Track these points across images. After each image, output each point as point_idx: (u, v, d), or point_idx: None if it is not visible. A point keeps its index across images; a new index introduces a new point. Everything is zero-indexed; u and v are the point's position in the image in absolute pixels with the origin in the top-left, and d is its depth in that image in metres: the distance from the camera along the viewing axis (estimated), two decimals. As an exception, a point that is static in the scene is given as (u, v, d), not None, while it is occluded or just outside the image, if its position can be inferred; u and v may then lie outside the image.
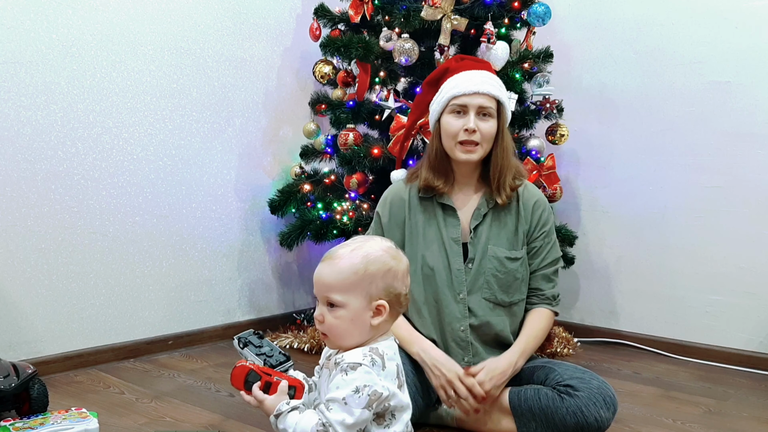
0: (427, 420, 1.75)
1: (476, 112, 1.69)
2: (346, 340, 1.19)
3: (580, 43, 2.80)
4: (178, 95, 2.52)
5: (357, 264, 1.17)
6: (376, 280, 1.17)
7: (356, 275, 1.16)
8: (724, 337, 2.51)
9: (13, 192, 2.12)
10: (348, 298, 1.16)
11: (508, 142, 1.76)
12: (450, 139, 1.72)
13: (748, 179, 2.44)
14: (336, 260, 1.19)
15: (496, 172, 1.74)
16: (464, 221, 1.77)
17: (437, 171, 1.76)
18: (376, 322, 1.17)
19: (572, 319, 2.86)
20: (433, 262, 1.75)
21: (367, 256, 1.18)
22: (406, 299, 1.22)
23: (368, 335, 1.19)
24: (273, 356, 1.27)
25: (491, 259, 1.73)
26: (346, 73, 2.57)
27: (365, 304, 1.17)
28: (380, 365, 1.15)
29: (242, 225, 2.77)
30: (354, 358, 1.13)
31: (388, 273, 1.18)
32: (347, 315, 1.17)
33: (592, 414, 1.55)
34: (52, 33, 2.18)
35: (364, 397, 1.10)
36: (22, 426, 1.59)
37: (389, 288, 1.18)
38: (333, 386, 1.12)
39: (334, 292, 1.17)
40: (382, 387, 1.13)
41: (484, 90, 1.70)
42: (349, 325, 1.17)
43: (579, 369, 1.66)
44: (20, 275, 2.15)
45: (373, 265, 1.17)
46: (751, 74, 2.43)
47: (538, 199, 1.80)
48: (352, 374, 1.11)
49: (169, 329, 2.54)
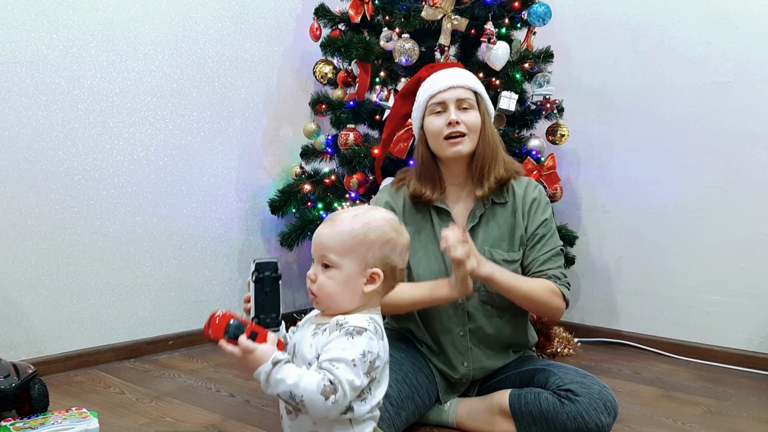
0: (428, 420, 1.75)
1: (456, 105, 1.68)
2: (334, 302, 1.16)
3: (581, 43, 2.80)
4: (178, 95, 2.52)
5: (357, 229, 1.16)
6: (374, 248, 1.16)
7: (355, 239, 1.16)
8: (724, 337, 2.51)
9: (14, 192, 2.12)
10: (343, 260, 1.15)
11: (492, 134, 1.73)
12: (436, 138, 1.70)
13: (748, 179, 2.44)
14: (337, 222, 1.18)
15: (478, 164, 1.71)
16: (460, 224, 1.74)
17: (425, 178, 1.74)
18: (368, 289, 1.16)
19: (572, 319, 2.86)
20: (429, 267, 1.73)
21: (369, 222, 1.17)
22: (401, 274, 1.21)
23: (358, 302, 1.17)
24: (268, 313, 1.16)
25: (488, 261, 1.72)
26: (346, 73, 2.57)
27: (360, 269, 1.16)
28: (381, 335, 1.14)
29: (242, 225, 2.77)
30: (359, 323, 1.11)
31: (387, 243, 1.17)
32: (340, 276, 1.15)
33: (593, 419, 1.54)
34: (52, 33, 2.18)
35: (368, 363, 1.09)
36: (22, 426, 1.59)
37: (386, 258, 1.17)
38: (336, 347, 1.08)
39: (330, 252, 1.16)
40: (380, 357, 1.12)
41: (459, 83, 1.69)
42: (340, 287, 1.15)
43: (580, 373, 1.65)
44: (21, 275, 2.15)
45: (374, 233, 1.16)
46: (751, 74, 2.43)
47: (535, 194, 1.76)
48: (358, 338, 1.09)
49: (169, 329, 2.54)
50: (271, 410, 1.89)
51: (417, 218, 1.77)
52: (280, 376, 1.04)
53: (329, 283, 1.16)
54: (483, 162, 1.71)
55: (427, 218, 1.76)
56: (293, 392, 1.04)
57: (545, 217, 1.75)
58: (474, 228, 1.73)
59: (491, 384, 1.76)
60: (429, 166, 1.74)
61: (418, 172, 1.76)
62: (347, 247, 1.15)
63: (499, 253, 1.72)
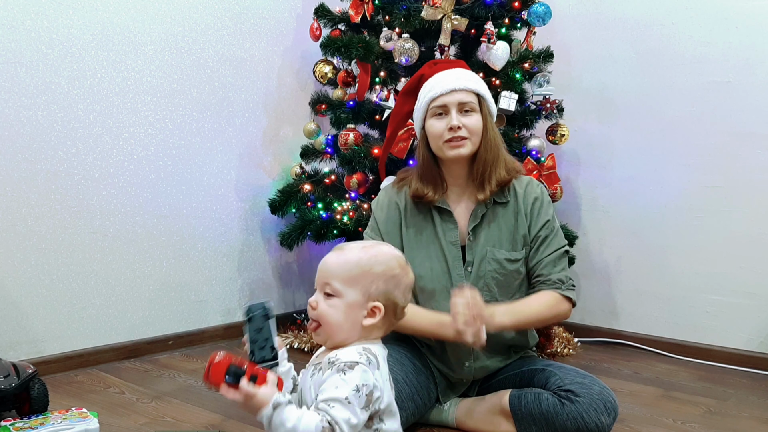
0: (428, 420, 1.75)
1: (457, 109, 1.67)
2: (333, 332, 1.17)
3: (580, 43, 2.80)
4: (178, 95, 2.52)
5: (364, 260, 1.17)
6: (378, 281, 1.17)
7: (360, 270, 1.16)
8: (724, 337, 2.51)
9: (13, 192, 2.12)
10: (346, 289, 1.16)
11: (494, 136, 1.72)
12: (437, 141, 1.69)
13: (748, 179, 2.44)
14: (345, 251, 1.19)
15: (479, 166, 1.70)
16: (461, 224, 1.74)
17: (426, 179, 1.73)
18: (368, 323, 1.16)
19: (572, 319, 2.85)
20: (431, 267, 1.72)
21: (376, 256, 1.18)
22: (401, 312, 1.21)
23: (357, 335, 1.17)
24: (263, 349, 1.18)
25: (490, 261, 1.71)
26: (346, 73, 2.57)
27: (361, 301, 1.16)
28: (375, 364, 1.14)
29: (242, 225, 2.77)
30: (350, 357, 1.12)
31: (391, 278, 1.18)
32: (341, 306, 1.16)
33: (593, 420, 1.54)
34: (52, 33, 2.18)
35: (363, 396, 1.08)
36: (22, 426, 1.59)
37: (389, 293, 1.18)
38: (330, 386, 1.09)
39: (334, 279, 1.17)
40: (378, 387, 1.12)
41: (461, 86, 1.67)
42: (340, 317, 1.16)
43: (580, 373, 1.65)
44: (21, 275, 2.15)
45: (380, 266, 1.17)
46: (751, 74, 2.43)
47: (537, 193, 1.75)
48: (350, 373, 1.09)
49: (169, 329, 2.54)
50: (271, 410, 1.89)
51: (418, 219, 1.77)
52: (280, 419, 1.05)
53: (330, 312, 1.16)
54: (485, 165, 1.70)
55: (429, 218, 1.76)
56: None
57: (547, 219, 1.74)
58: (476, 228, 1.73)
59: (491, 384, 1.76)
60: (430, 166, 1.74)
61: (419, 173, 1.75)
62: (351, 276, 1.16)
63: (501, 253, 1.72)
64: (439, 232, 1.74)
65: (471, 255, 1.72)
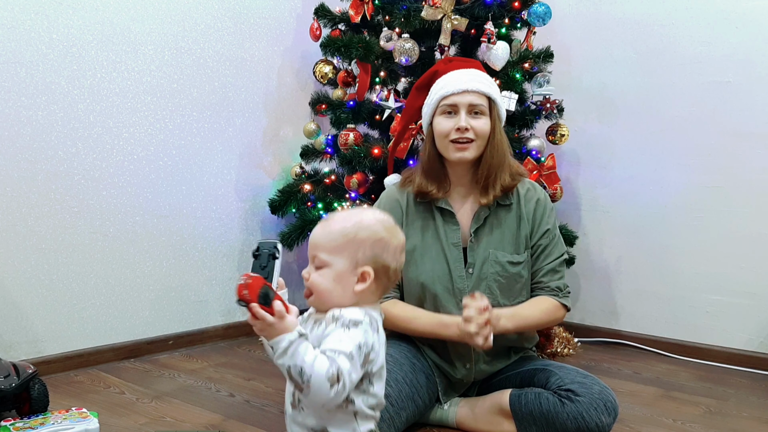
0: (428, 420, 1.75)
1: (467, 110, 1.67)
2: (327, 300, 1.17)
3: (580, 43, 2.80)
4: (178, 95, 2.52)
5: (348, 228, 1.18)
6: (364, 247, 1.17)
7: (345, 238, 1.17)
8: (724, 337, 2.51)
9: (14, 192, 2.12)
10: (334, 258, 1.17)
11: (501, 141, 1.71)
12: (443, 140, 1.70)
13: (748, 179, 2.44)
14: (330, 222, 1.20)
15: (484, 171, 1.70)
16: (464, 225, 1.74)
17: (430, 176, 1.73)
18: (359, 288, 1.16)
19: (572, 319, 2.86)
20: (432, 268, 1.72)
21: (360, 222, 1.18)
22: (395, 274, 1.21)
23: (349, 300, 1.17)
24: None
25: (492, 263, 1.70)
26: (346, 73, 2.57)
27: (350, 267, 1.16)
28: (376, 327, 1.15)
29: (242, 225, 2.77)
30: (355, 315, 1.13)
31: (377, 242, 1.18)
32: (330, 274, 1.16)
33: (593, 419, 1.54)
34: (52, 33, 2.18)
35: (363, 354, 1.10)
36: (22, 426, 1.59)
37: (377, 257, 1.18)
38: (334, 339, 1.10)
39: (321, 251, 1.18)
40: (375, 350, 1.13)
41: (474, 87, 1.67)
42: (331, 285, 1.16)
43: (580, 373, 1.65)
44: (21, 275, 2.15)
45: (364, 232, 1.17)
46: (751, 74, 2.43)
47: (539, 198, 1.76)
48: (354, 330, 1.10)
49: (169, 329, 2.54)
50: (271, 410, 1.89)
51: (420, 218, 1.77)
52: (303, 349, 1.05)
53: (320, 281, 1.17)
54: (489, 169, 1.70)
55: (431, 219, 1.76)
56: (304, 369, 1.04)
57: (548, 227, 1.75)
58: (478, 230, 1.73)
59: (491, 384, 1.76)
60: (435, 164, 1.74)
61: (424, 169, 1.75)
62: (337, 246, 1.17)
63: (504, 255, 1.72)
64: (441, 233, 1.73)
65: (473, 257, 1.72)
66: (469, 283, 1.71)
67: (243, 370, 2.29)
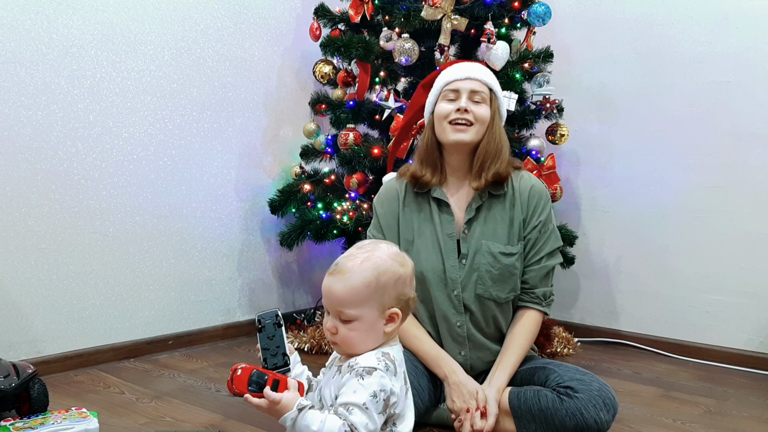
0: (428, 420, 1.75)
1: (468, 95, 1.71)
2: (359, 349, 1.19)
3: (580, 43, 2.80)
4: (178, 95, 2.52)
5: (369, 277, 1.17)
6: (388, 290, 1.18)
7: (368, 288, 1.16)
8: (724, 337, 2.51)
9: (13, 192, 2.12)
10: (362, 311, 1.17)
11: (499, 132, 1.74)
12: (442, 121, 1.72)
13: (748, 179, 2.44)
14: (347, 274, 1.17)
15: (480, 157, 1.72)
16: (458, 216, 1.75)
17: (426, 162, 1.76)
18: (390, 329, 1.19)
19: (572, 319, 2.86)
20: (427, 258, 1.73)
21: (377, 267, 1.18)
22: (414, 302, 1.23)
23: (380, 342, 1.20)
24: (275, 356, 1.24)
25: (485, 254, 1.71)
26: (346, 72, 2.57)
27: (378, 314, 1.18)
28: (393, 371, 1.16)
29: (242, 225, 2.77)
30: (369, 362, 1.14)
31: (398, 281, 1.19)
32: (362, 327, 1.17)
33: (592, 416, 1.54)
34: (52, 33, 2.18)
35: (381, 402, 1.11)
36: (22, 426, 1.59)
37: (400, 295, 1.19)
38: (348, 390, 1.12)
39: (347, 307, 1.17)
40: (395, 393, 1.14)
41: (476, 75, 1.72)
42: (364, 336, 1.18)
43: (579, 371, 1.65)
44: (20, 275, 2.15)
45: (384, 276, 1.17)
46: (751, 74, 2.43)
47: (534, 187, 1.76)
48: (369, 379, 1.12)
49: (169, 329, 2.54)
50: (271, 410, 1.89)
51: (416, 208, 1.78)
52: (305, 422, 1.10)
53: (352, 335, 1.18)
54: (485, 157, 1.72)
55: (426, 209, 1.77)
56: None
57: (541, 219, 1.75)
58: (471, 221, 1.74)
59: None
60: (432, 150, 1.76)
61: (421, 156, 1.78)
62: (363, 298, 1.17)
63: (497, 246, 1.72)
64: (435, 223, 1.75)
65: (466, 248, 1.73)
66: (462, 273, 1.72)
67: (243, 370, 2.29)
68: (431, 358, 1.71)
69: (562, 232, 2.50)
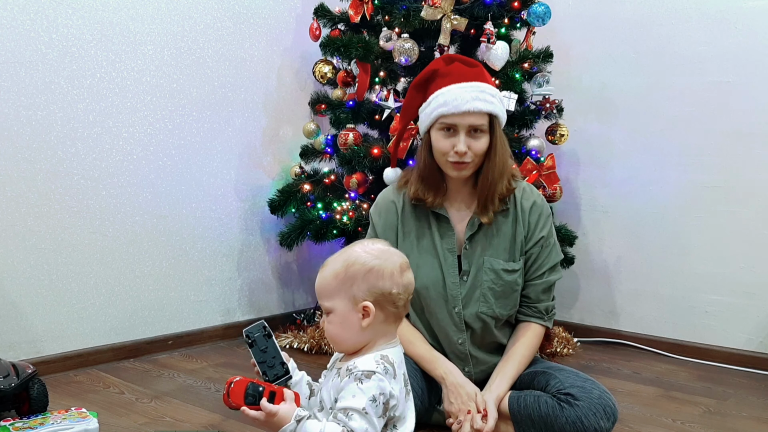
0: (428, 420, 1.75)
1: (467, 131, 1.60)
2: (342, 343, 1.21)
3: (580, 43, 2.80)
4: (177, 95, 2.52)
5: (338, 268, 1.19)
6: (357, 282, 1.17)
7: (337, 279, 1.18)
8: (724, 337, 2.51)
9: (13, 192, 2.12)
10: (333, 302, 1.18)
11: (501, 155, 1.65)
12: (441, 156, 1.65)
13: (748, 179, 2.44)
14: (324, 268, 1.22)
15: (485, 189, 1.65)
16: (459, 231, 1.72)
17: (428, 184, 1.69)
18: (366, 323, 1.17)
19: (572, 319, 2.86)
20: (426, 273, 1.70)
21: (347, 258, 1.19)
22: (398, 297, 1.19)
23: (365, 337, 1.19)
24: (274, 367, 1.23)
25: (487, 271, 1.68)
26: (346, 73, 2.57)
27: (350, 306, 1.18)
28: (392, 373, 1.15)
29: (242, 225, 2.77)
30: (367, 366, 1.14)
31: (369, 273, 1.17)
32: (336, 319, 1.19)
33: (592, 424, 1.53)
34: (52, 33, 2.18)
35: (380, 405, 1.11)
36: (22, 426, 1.59)
37: (373, 288, 1.17)
38: (348, 394, 1.12)
39: (323, 298, 1.20)
40: (394, 396, 1.14)
41: (475, 108, 1.59)
42: (340, 329, 1.19)
43: (580, 377, 1.63)
44: (20, 275, 2.15)
45: (353, 267, 1.18)
46: (751, 74, 2.43)
47: (536, 203, 1.72)
48: (368, 383, 1.12)
49: (169, 329, 2.54)
50: (271, 410, 1.89)
51: (416, 222, 1.74)
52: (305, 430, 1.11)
53: (330, 328, 1.20)
54: (490, 186, 1.65)
55: (426, 224, 1.73)
56: None
57: (543, 234, 1.71)
58: (472, 236, 1.70)
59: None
60: (432, 171, 1.69)
61: (421, 177, 1.70)
62: (332, 289, 1.19)
63: (499, 263, 1.69)
64: (436, 239, 1.71)
65: (467, 264, 1.70)
66: (463, 290, 1.70)
67: (242, 370, 2.29)
68: (426, 360, 1.69)
69: (562, 232, 2.52)
